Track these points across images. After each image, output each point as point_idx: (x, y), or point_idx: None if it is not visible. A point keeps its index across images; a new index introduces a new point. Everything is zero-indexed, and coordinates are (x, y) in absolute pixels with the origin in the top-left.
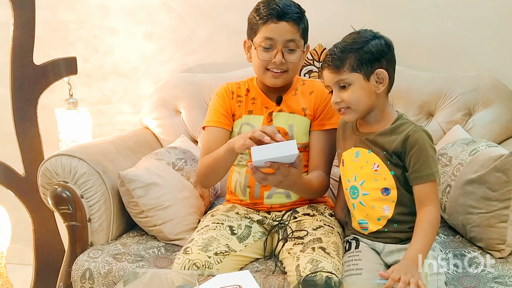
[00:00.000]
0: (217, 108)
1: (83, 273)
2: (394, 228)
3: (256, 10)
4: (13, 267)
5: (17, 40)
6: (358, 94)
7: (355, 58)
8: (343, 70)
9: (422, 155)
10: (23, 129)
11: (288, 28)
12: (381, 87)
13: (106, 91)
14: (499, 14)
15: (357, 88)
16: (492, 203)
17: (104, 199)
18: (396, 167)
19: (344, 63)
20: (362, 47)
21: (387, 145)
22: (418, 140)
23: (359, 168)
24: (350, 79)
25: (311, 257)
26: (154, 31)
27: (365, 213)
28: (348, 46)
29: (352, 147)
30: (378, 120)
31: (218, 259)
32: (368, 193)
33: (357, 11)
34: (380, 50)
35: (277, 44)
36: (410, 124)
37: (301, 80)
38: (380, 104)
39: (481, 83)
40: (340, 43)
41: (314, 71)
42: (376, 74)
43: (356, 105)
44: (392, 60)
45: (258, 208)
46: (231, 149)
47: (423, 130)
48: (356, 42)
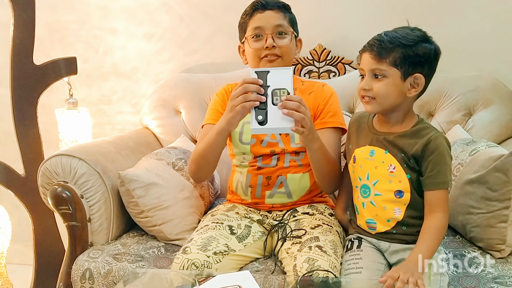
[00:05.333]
0: (216, 108)
1: (83, 273)
2: (402, 230)
3: (243, 13)
4: (13, 267)
5: (17, 40)
6: (389, 89)
7: (401, 54)
8: (384, 61)
9: (440, 162)
10: (23, 129)
11: (274, 15)
12: (413, 91)
13: (106, 91)
14: (499, 14)
15: (391, 83)
16: (492, 203)
17: (104, 199)
18: (413, 171)
19: (389, 54)
20: (412, 46)
21: (407, 148)
22: (438, 147)
23: (373, 168)
24: (388, 72)
25: (307, 256)
26: (154, 31)
27: (375, 213)
28: (399, 40)
29: (367, 145)
30: (399, 121)
31: (217, 258)
32: (381, 193)
33: (357, 11)
34: (427, 55)
35: (266, 30)
36: (432, 129)
37: (300, 81)
38: (406, 107)
39: (481, 83)
40: (391, 33)
41: (314, 71)
42: (414, 77)
43: (383, 99)
44: (433, 69)
45: (259, 208)
46: (222, 129)
47: (444, 138)
48: (407, 38)
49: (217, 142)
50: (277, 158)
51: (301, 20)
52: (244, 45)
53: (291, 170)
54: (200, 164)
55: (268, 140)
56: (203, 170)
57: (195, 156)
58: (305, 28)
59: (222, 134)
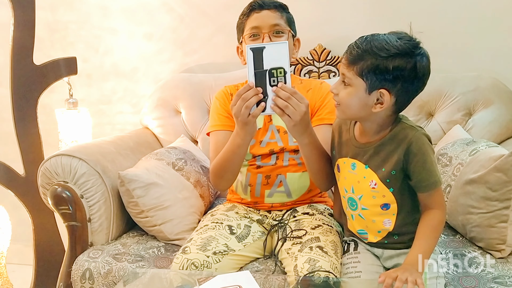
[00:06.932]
0: (219, 111)
1: (83, 273)
2: (394, 239)
3: (240, 13)
4: (13, 267)
5: (17, 40)
6: (352, 100)
7: (370, 64)
8: (352, 69)
9: (426, 164)
10: (23, 129)
11: (270, 14)
12: (378, 108)
13: (106, 91)
14: (499, 14)
15: (354, 93)
16: (492, 203)
17: (104, 199)
18: (396, 182)
19: (357, 62)
20: (385, 58)
21: (388, 159)
22: (421, 148)
23: (356, 182)
24: (352, 81)
25: (308, 256)
26: (154, 31)
27: (365, 225)
28: (372, 49)
29: (349, 157)
30: (375, 131)
31: (216, 258)
32: (367, 208)
33: (357, 11)
34: (401, 71)
35: (262, 30)
36: (410, 128)
37: (298, 79)
38: (377, 120)
39: (481, 83)
40: (372, 38)
41: (314, 71)
42: (380, 93)
43: (345, 107)
44: (413, 86)
45: (258, 207)
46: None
47: (424, 134)
48: (383, 48)
49: (241, 153)
50: (276, 157)
51: (301, 20)
52: (242, 46)
53: (291, 169)
54: (225, 176)
55: (267, 141)
56: (229, 181)
57: (218, 171)
58: (305, 28)
59: (244, 146)
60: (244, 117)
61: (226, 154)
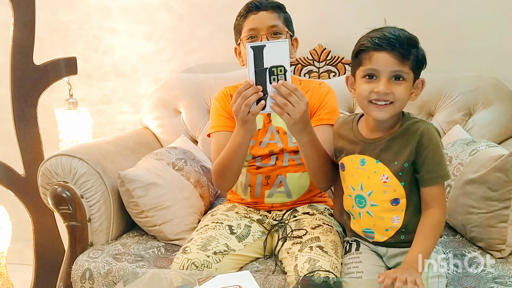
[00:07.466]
0: (219, 112)
1: (83, 273)
2: (400, 239)
3: (237, 15)
4: (13, 267)
5: (17, 40)
6: (407, 94)
7: (415, 57)
8: (407, 63)
9: (436, 156)
10: (23, 129)
11: (268, 15)
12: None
13: (106, 91)
14: (499, 14)
15: (409, 87)
16: (492, 203)
17: (104, 199)
18: (408, 175)
19: (409, 56)
20: (419, 48)
21: (400, 152)
22: (432, 140)
23: (365, 178)
24: (408, 76)
25: (308, 256)
26: (154, 31)
27: (372, 223)
28: (412, 41)
29: (356, 154)
30: (390, 125)
31: (217, 258)
32: (377, 204)
33: (357, 11)
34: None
35: (260, 31)
36: (421, 122)
37: (298, 80)
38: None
39: (481, 83)
40: (399, 31)
41: (314, 71)
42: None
43: (401, 104)
44: None
45: (258, 207)
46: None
47: (434, 128)
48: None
49: (242, 152)
50: (276, 158)
51: (301, 20)
52: (240, 47)
53: (291, 169)
54: (226, 177)
55: (266, 142)
56: (231, 181)
57: (220, 171)
58: (305, 28)
59: (245, 144)
60: (243, 115)
61: (227, 154)
